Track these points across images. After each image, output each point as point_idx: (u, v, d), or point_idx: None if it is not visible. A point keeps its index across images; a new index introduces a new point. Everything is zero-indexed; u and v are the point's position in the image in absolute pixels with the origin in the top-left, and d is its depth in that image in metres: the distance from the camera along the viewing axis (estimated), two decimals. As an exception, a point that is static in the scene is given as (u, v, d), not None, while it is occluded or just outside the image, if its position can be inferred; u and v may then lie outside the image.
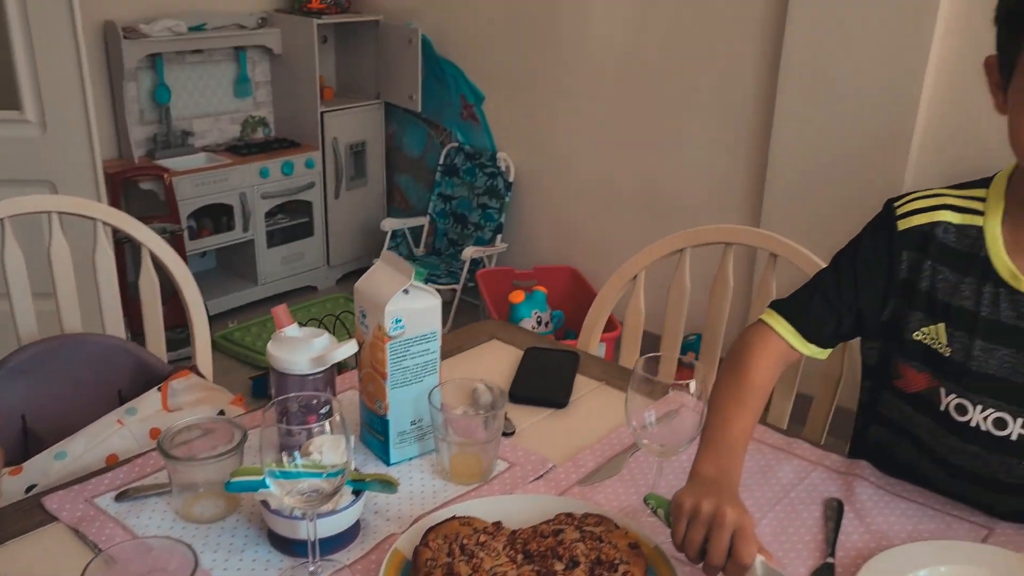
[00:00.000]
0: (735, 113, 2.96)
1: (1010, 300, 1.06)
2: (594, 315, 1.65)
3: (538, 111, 3.57)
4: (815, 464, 1.21)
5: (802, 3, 2.62)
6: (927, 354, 1.11)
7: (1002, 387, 1.07)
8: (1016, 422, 1.08)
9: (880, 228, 1.15)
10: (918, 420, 1.15)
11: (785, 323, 1.16)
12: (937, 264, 1.10)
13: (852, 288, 1.15)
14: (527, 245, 3.76)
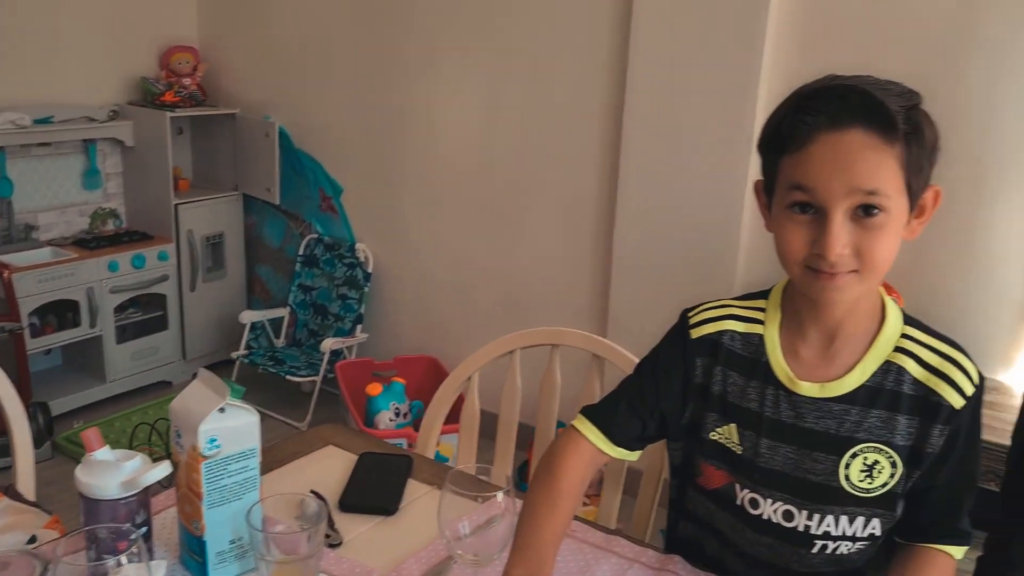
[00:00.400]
0: (581, 205, 3.11)
1: (788, 401, 1.15)
2: (430, 418, 1.68)
3: (395, 203, 3.63)
4: (632, 561, 1.26)
5: (638, 102, 2.80)
6: (723, 452, 1.19)
7: (787, 481, 1.16)
8: (801, 514, 1.16)
9: (676, 337, 1.23)
10: (719, 515, 1.23)
11: (593, 428, 1.22)
12: (727, 369, 1.19)
13: (654, 394, 1.22)
14: (388, 335, 3.77)
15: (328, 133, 3.75)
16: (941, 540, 1.19)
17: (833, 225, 1.00)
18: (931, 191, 1.07)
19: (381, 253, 3.73)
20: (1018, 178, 2.32)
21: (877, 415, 1.13)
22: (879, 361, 1.13)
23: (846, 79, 1.04)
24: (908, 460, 1.14)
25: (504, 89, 3.21)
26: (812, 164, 1.01)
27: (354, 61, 3.59)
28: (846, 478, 1.14)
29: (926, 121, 1.03)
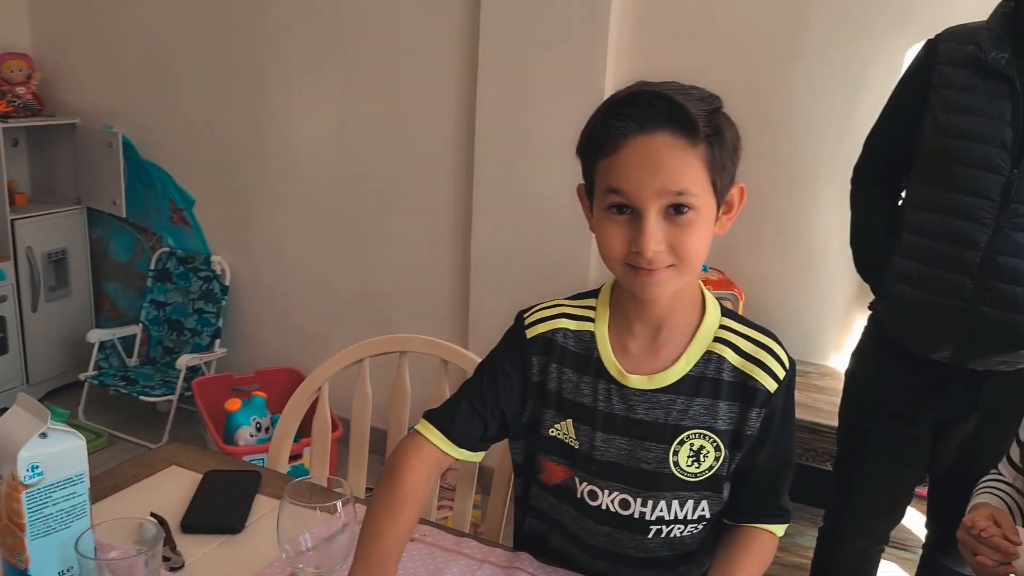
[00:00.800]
0: (438, 211, 3.12)
1: (620, 394, 1.20)
2: (281, 432, 1.65)
3: (251, 214, 3.55)
4: (481, 561, 1.28)
5: (488, 107, 2.84)
6: (561, 448, 1.23)
7: (622, 472, 1.21)
8: (637, 502, 1.21)
9: (512, 338, 1.27)
10: (561, 509, 1.26)
11: (435, 430, 1.22)
12: (561, 366, 1.22)
13: (493, 393, 1.23)
14: (248, 349, 3.68)
15: (177, 143, 3.62)
16: (763, 519, 1.27)
17: (648, 224, 1.06)
18: (736, 188, 1.14)
19: (238, 265, 3.63)
20: (833, 178, 2.46)
21: (700, 403, 1.19)
22: (701, 351, 1.19)
23: (653, 85, 1.09)
24: (730, 444, 1.20)
25: (358, 96, 3.19)
26: (625, 167, 1.06)
27: (202, 69, 3.49)
28: (675, 464, 1.20)
29: (727, 123, 1.10)
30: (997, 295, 1.63)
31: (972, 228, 1.63)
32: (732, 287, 2.47)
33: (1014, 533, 1.30)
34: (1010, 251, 1.61)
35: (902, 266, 1.76)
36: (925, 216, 1.71)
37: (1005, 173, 1.60)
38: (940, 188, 1.68)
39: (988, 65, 1.61)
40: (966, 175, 1.63)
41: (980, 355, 1.70)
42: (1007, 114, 1.60)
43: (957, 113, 1.66)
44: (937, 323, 1.70)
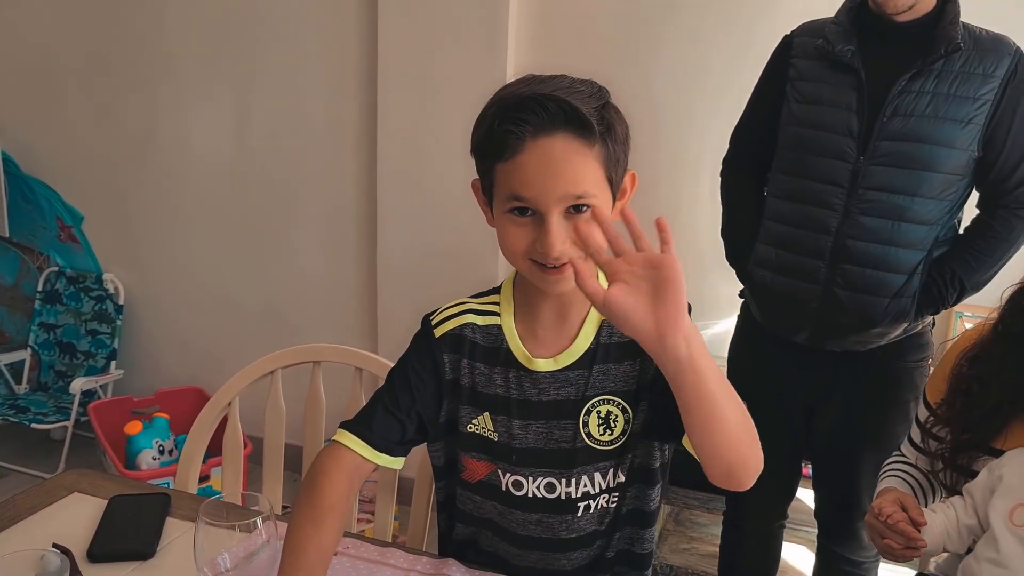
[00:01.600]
0: (341, 218, 3.07)
1: (530, 379, 1.21)
2: (190, 450, 1.59)
3: (144, 229, 3.42)
4: (408, 571, 1.26)
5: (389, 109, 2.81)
6: (481, 442, 1.23)
7: (542, 456, 1.22)
8: (561, 483, 1.22)
9: (421, 340, 1.27)
10: (487, 505, 1.26)
11: (354, 438, 1.20)
12: (472, 361, 1.23)
13: (408, 396, 1.22)
14: (146, 370, 3.54)
15: (61, 157, 3.46)
16: None
17: (551, 227, 1.07)
18: (628, 176, 1.16)
19: (132, 283, 3.49)
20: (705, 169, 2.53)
21: (599, 369, 1.21)
22: (596, 325, 1.22)
23: (544, 84, 1.09)
24: (633, 403, 1.21)
25: (253, 100, 3.11)
26: (524, 173, 1.07)
27: (84, 75, 3.34)
28: (588, 435, 1.21)
29: (616, 117, 1.11)
30: (848, 278, 1.73)
31: (824, 214, 1.73)
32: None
33: (919, 514, 1.35)
34: (858, 235, 1.71)
35: (764, 252, 1.85)
36: (783, 204, 1.81)
37: (852, 160, 1.70)
38: (795, 176, 1.78)
39: (836, 57, 1.71)
40: (817, 163, 1.73)
41: (835, 336, 1.79)
42: (853, 103, 1.69)
43: (809, 104, 1.76)
44: (795, 306, 1.79)
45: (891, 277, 1.72)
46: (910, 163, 1.66)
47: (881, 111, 1.67)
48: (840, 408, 1.88)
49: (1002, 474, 1.30)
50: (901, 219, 1.69)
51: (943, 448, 1.45)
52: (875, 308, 1.73)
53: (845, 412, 1.88)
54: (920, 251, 1.72)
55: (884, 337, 1.78)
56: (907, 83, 1.65)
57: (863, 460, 1.87)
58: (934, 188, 1.67)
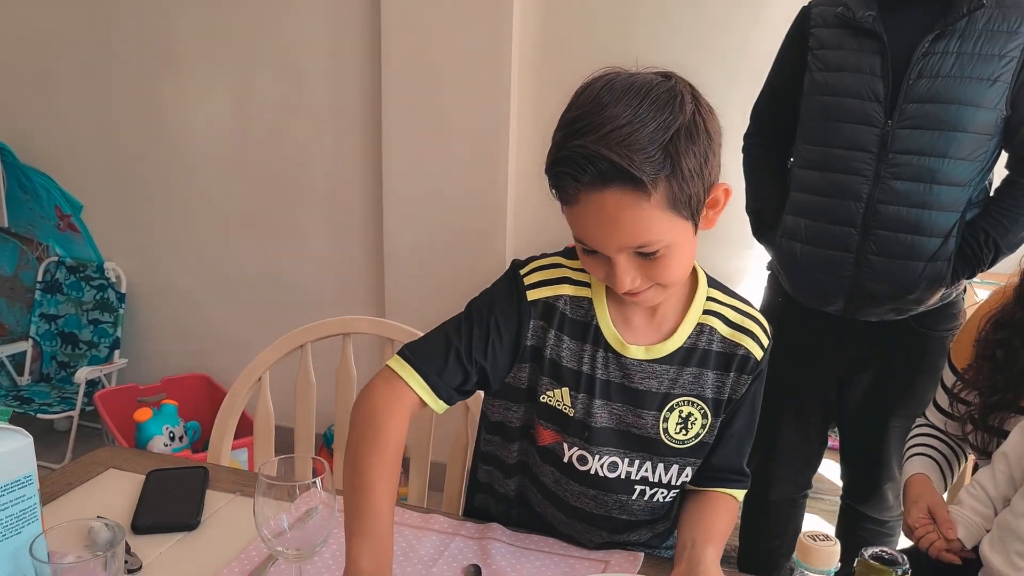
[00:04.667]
0: (347, 202, 3.06)
1: (617, 364, 1.20)
2: (221, 425, 1.58)
3: (145, 216, 3.39)
4: (453, 535, 1.26)
5: (394, 94, 2.79)
6: (554, 415, 1.21)
7: (614, 437, 1.21)
8: (624, 462, 1.22)
9: (511, 294, 1.21)
10: (545, 470, 1.26)
11: (420, 380, 1.14)
12: (560, 334, 1.20)
13: (483, 349, 1.18)
14: (151, 358, 3.52)
15: (59, 146, 3.42)
16: (728, 484, 1.30)
17: (618, 269, 1.07)
18: (719, 190, 1.10)
19: (134, 271, 3.46)
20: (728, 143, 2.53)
21: (691, 372, 1.21)
22: (694, 323, 1.22)
23: (602, 121, 1.00)
24: (715, 411, 1.23)
25: (254, 88, 3.09)
26: (582, 222, 1.06)
27: (84, 64, 3.30)
28: (665, 431, 1.22)
29: (687, 145, 1.02)
30: (881, 244, 1.73)
31: (854, 181, 1.73)
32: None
33: (948, 527, 1.37)
34: (891, 200, 1.71)
35: (792, 223, 1.84)
36: (810, 174, 1.80)
37: (879, 125, 1.69)
38: (822, 145, 1.78)
39: (857, 23, 1.71)
40: (844, 130, 1.73)
41: (870, 305, 1.79)
42: (877, 68, 1.69)
43: (832, 71, 1.75)
44: (828, 276, 1.79)
45: (926, 241, 1.72)
46: (938, 124, 1.66)
47: (906, 74, 1.67)
48: (872, 377, 1.89)
49: (1037, 430, 1.32)
50: (933, 181, 1.69)
51: (972, 411, 1.47)
52: (910, 273, 1.73)
53: (877, 381, 1.89)
54: (954, 213, 1.71)
55: (921, 304, 1.78)
56: (931, 44, 1.65)
57: (893, 427, 1.88)
58: (964, 149, 1.67)
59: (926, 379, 1.81)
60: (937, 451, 1.55)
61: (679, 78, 1.07)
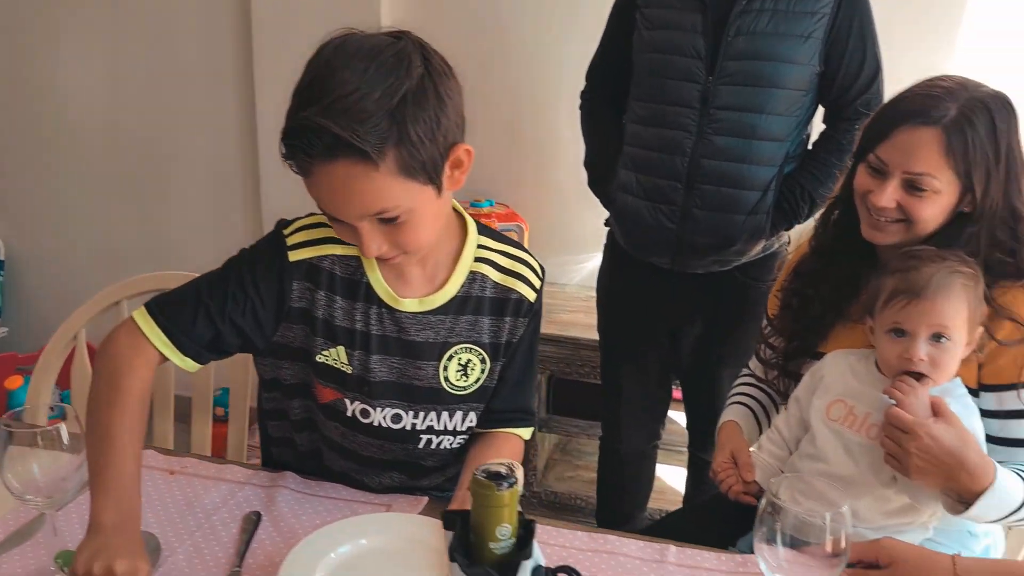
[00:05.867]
0: (222, 166, 3.01)
1: (392, 318, 1.21)
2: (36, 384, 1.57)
3: (22, 181, 3.29)
4: (243, 484, 1.27)
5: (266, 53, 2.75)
6: (332, 373, 1.22)
7: (395, 389, 1.23)
8: (408, 414, 1.24)
9: (272, 254, 1.19)
10: (329, 425, 1.27)
11: (161, 335, 1.13)
12: (331, 293, 1.20)
13: (239, 308, 1.16)
14: (33, 326, 3.43)
15: (-73, 109, 3.31)
16: (512, 423, 1.33)
17: (363, 237, 1.08)
18: (461, 150, 1.10)
19: (13, 237, 3.37)
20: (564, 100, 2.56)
21: (466, 319, 1.24)
22: (466, 272, 1.24)
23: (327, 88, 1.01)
24: (493, 355, 1.26)
25: (127, 49, 3.00)
26: (318, 192, 1.07)
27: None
28: (445, 379, 1.24)
29: (417, 109, 1.02)
30: (705, 197, 1.78)
31: (679, 136, 1.77)
32: (517, 219, 2.53)
33: (747, 471, 1.38)
34: (712, 154, 1.75)
35: (625, 177, 1.88)
36: (641, 129, 1.84)
37: (701, 81, 1.73)
38: (650, 101, 1.82)
39: None
40: (670, 87, 1.76)
41: (695, 257, 1.84)
42: (699, 25, 1.73)
43: (658, 29, 1.79)
44: (656, 229, 1.83)
45: (745, 194, 1.77)
46: (756, 81, 1.70)
47: (725, 31, 1.70)
48: (701, 329, 1.95)
49: (823, 375, 1.36)
50: (752, 136, 1.73)
51: (776, 357, 1.52)
52: (732, 226, 1.78)
53: (706, 332, 1.95)
54: (772, 167, 1.77)
55: (743, 255, 1.84)
56: (747, 2, 1.68)
57: (724, 376, 1.94)
58: (780, 104, 1.72)
59: (751, 329, 1.87)
60: (753, 399, 1.60)
61: (411, 38, 1.07)
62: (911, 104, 1.25)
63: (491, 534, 0.62)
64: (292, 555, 1.04)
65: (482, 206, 2.55)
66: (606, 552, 1.14)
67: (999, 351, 1.24)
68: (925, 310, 1.18)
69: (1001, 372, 1.24)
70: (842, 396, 1.30)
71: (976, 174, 1.23)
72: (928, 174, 1.23)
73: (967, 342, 1.21)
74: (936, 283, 1.19)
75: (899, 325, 1.21)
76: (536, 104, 2.61)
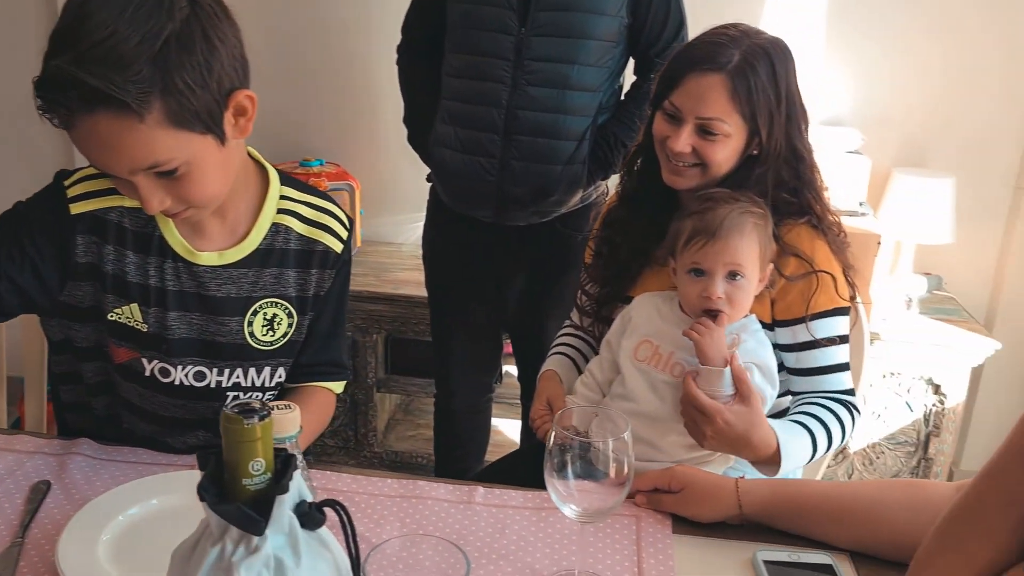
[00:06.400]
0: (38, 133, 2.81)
1: (189, 272, 1.16)
2: None
3: None
4: (33, 453, 1.19)
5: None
6: (126, 331, 1.16)
7: (197, 347, 1.19)
8: (212, 371, 1.20)
9: (51, 208, 1.13)
10: (127, 387, 1.21)
11: None
12: (121, 248, 1.14)
13: (16, 265, 1.10)
14: None
15: None
16: (323, 377, 1.31)
17: (141, 192, 1.02)
18: (242, 95, 1.04)
19: None
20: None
21: (271, 272, 1.20)
22: (268, 224, 1.20)
23: (83, 35, 0.93)
24: (300, 308, 1.23)
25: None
26: (82, 145, 0.99)
27: None
28: (251, 335, 1.21)
29: (180, 55, 0.96)
30: (522, 149, 1.79)
31: (494, 88, 1.77)
32: (348, 178, 2.48)
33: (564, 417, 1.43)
34: (527, 105, 1.77)
35: (443, 131, 1.87)
36: (457, 82, 1.84)
37: (514, 32, 1.74)
38: (465, 53, 1.81)
39: None
40: (484, 38, 1.77)
41: (516, 209, 1.85)
42: None
43: None
44: (476, 182, 1.84)
45: (561, 144, 1.79)
46: (567, 32, 1.72)
47: None
48: (525, 282, 1.97)
49: (631, 316, 1.41)
50: (565, 87, 1.75)
51: (591, 303, 1.55)
52: (549, 176, 1.80)
53: (530, 285, 1.97)
54: (586, 117, 1.79)
55: (562, 205, 1.86)
56: None
57: (549, 329, 1.97)
58: (592, 55, 1.75)
59: (572, 280, 1.90)
60: (573, 348, 1.63)
61: None
62: (698, 51, 1.30)
63: (244, 470, 0.61)
64: (75, 520, 1.00)
65: (312, 165, 2.49)
66: (415, 497, 1.15)
67: (788, 287, 1.31)
68: (720, 249, 1.24)
69: (791, 307, 1.32)
70: (648, 337, 1.35)
71: (760, 117, 1.29)
72: (717, 118, 1.28)
73: (760, 279, 1.28)
74: (729, 224, 1.25)
75: (698, 265, 1.26)
76: (364, 61, 2.56)
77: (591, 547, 1.06)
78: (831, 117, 2.46)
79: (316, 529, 0.64)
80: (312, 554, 0.63)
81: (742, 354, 1.24)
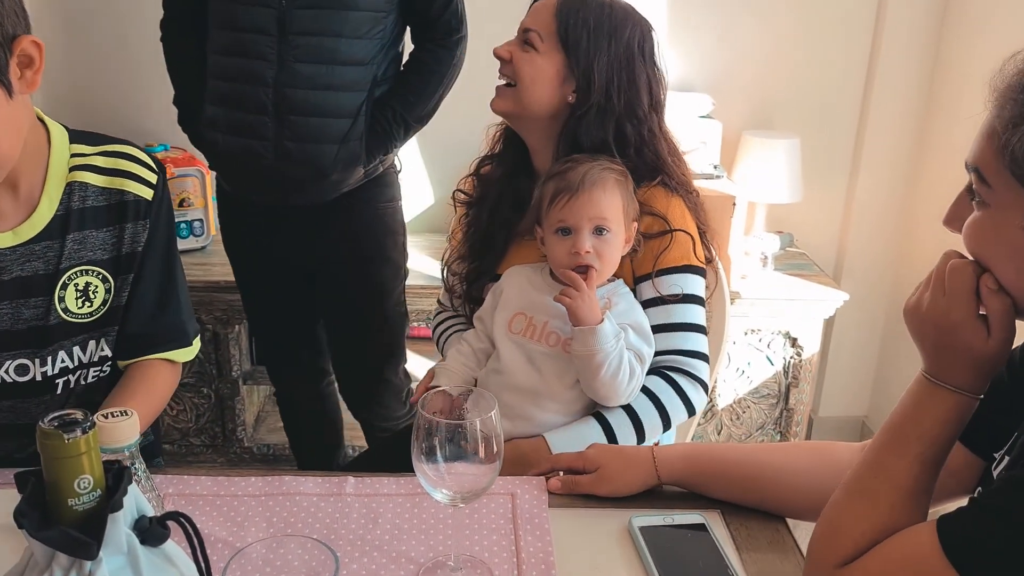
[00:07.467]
0: None
1: None
2: None
3: None
4: None
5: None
6: None
7: (11, 337, 1.09)
8: (35, 363, 1.11)
9: None
10: None
11: None
12: None
13: None
14: None
15: None
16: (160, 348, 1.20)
17: None
18: (27, 42, 0.97)
19: None
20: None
21: (74, 239, 1.10)
22: (61, 187, 1.10)
23: None
24: (116, 269, 1.13)
25: None
26: None
27: None
28: (64, 310, 1.11)
29: None
30: (295, 129, 1.68)
31: (260, 65, 1.66)
32: (196, 163, 2.34)
33: None
34: (297, 83, 1.66)
35: (212, 113, 1.74)
36: (222, 59, 1.71)
37: (277, 6, 1.63)
38: (228, 29, 1.69)
39: None
40: (246, 13, 1.65)
41: (294, 191, 1.75)
42: None
43: None
44: (250, 166, 1.72)
45: (335, 123, 1.69)
46: (331, 4, 1.63)
47: None
48: (331, 264, 1.87)
49: (502, 289, 1.39)
50: (334, 62, 1.66)
51: (459, 282, 1.52)
52: (325, 156, 1.70)
53: (336, 267, 1.87)
54: (360, 92, 1.70)
55: (344, 184, 1.76)
56: None
57: (363, 307, 1.91)
58: (359, 27, 1.66)
59: (378, 257, 1.86)
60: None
61: None
62: None
63: (69, 489, 0.55)
64: None
65: (156, 151, 2.35)
66: (281, 494, 1.10)
67: (644, 246, 1.32)
68: (583, 203, 1.25)
69: (643, 263, 1.33)
70: (522, 309, 1.34)
71: (577, 53, 1.31)
72: (534, 29, 1.33)
73: (626, 237, 1.29)
74: (591, 178, 1.26)
75: (564, 223, 1.26)
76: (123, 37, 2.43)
77: (467, 529, 1.04)
78: (683, 83, 2.51)
79: (160, 545, 0.59)
80: (156, 572, 0.58)
81: (615, 316, 1.26)
